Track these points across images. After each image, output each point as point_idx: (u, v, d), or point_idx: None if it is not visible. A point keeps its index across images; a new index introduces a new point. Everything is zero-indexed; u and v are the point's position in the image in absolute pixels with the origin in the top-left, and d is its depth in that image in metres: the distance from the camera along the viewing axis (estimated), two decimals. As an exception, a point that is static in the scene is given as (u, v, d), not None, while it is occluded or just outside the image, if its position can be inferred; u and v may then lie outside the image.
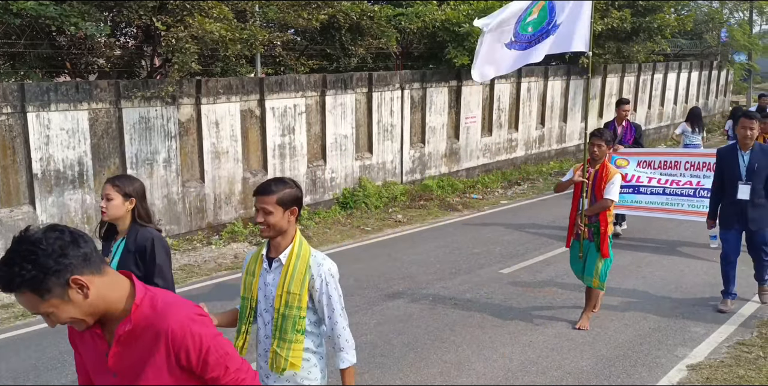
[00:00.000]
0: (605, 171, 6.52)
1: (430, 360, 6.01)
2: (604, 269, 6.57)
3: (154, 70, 11.11)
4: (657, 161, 9.78)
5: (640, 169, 9.83)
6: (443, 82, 13.90)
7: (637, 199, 9.65)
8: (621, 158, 9.87)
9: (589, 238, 6.59)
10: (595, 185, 6.55)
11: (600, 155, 6.52)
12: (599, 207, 6.50)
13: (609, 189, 6.47)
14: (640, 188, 9.70)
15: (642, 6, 17.32)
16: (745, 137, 6.80)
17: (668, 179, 9.59)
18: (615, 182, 6.47)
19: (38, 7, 8.18)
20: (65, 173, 8.59)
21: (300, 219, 10.96)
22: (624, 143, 10.09)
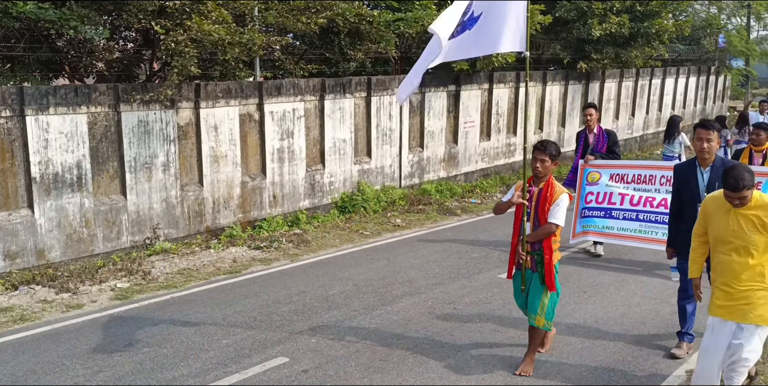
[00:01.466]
0: (550, 190, 5.65)
1: (429, 365, 6.00)
2: (550, 306, 5.73)
3: (153, 74, 11.11)
4: (630, 174, 8.99)
5: (612, 184, 9.10)
6: (442, 86, 13.92)
7: (608, 225, 9.00)
8: (594, 171, 9.26)
9: (532, 268, 5.74)
10: (539, 206, 5.66)
11: (544, 172, 5.67)
12: (543, 233, 5.62)
13: (554, 212, 5.60)
14: (612, 211, 9.01)
15: (640, 11, 17.37)
16: (702, 150, 5.84)
17: (642, 196, 8.81)
18: (561, 203, 5.61)
19: (37, 10, 8.17)
20: (64, 176, 8.57)
21: (299, 223, 11.01)
22: (597, 152, 9.44)
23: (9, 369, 5.93)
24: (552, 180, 5.71)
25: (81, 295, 7.87)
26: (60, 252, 8.65)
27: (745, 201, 4.71)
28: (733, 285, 4.85)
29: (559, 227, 5.63)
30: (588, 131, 9.60)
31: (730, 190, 4.63)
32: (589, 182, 9.26)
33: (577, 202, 9.24)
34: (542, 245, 5.67)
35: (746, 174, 4.61)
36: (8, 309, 7.40)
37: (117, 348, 6.36)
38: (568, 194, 5.69)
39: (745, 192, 4.65)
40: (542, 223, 5.64)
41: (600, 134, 9.52)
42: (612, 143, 9.49)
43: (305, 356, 6.18)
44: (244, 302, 7.66)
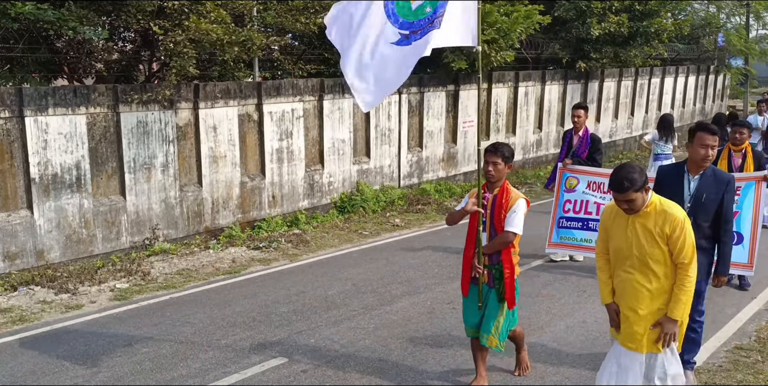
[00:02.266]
0: (506, 196, 5.20)
1: (428, 364, 6.00)
2: (505, 325, 5.29)
3: (152, 75, 11.12)
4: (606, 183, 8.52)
5: (589, 192, 8.66)
6: (441, 86, 13.92)
7: (586, 237, 8.54)
8: (572, 176, 8.81)
9: (489, 283, 5.28)
10: (494, 214, 5.21)
11: (497, 176, 5.20)
12: (500, 243, 5.16)
13: (511, 219, 5.14)
14: (588, 222, 8.59)
15: (639, 11, 17.37)
16: (706, 158, 5.21)
17: None
18: (518, 209, 5.15)
19: (36, 11, 8.18)
20: (63, 177, 8.58)
21: (298, 223, 11.01)
22: (577, 156, 8.97)
23: (8, 370, 5.93)
24: (507, 185, 5.27)
25: (80, 296, 7.88)
26: (59, 253, 8.65)
27: (633, 206, 4.27)
28: (637, 309, 4.40)
29: (517, 235, 5.16)
30: (575, 131, 9.20)
31: (615, 190, 4.28)
32: (567, 188, 8.84)
33: (555, 209, 8.90)
34: (500, 257, 5.21)
35: (635, 174, 4.20)
36: (7, 310, 7.40)
37: (116, 349, 6.37)
38: (526, 200, 5.25)
39: (632, 194, 4.21)
40: (499, 232, 5.19)
41: (585, 138, 9.09)
42: (594, 150, 9.01)
43: (304, 356, 6.18)
44: (243, 302, 7.66)
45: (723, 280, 5.43)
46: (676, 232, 4.28)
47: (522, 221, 5.19)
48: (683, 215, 4.35)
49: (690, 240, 4.31)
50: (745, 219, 7.41)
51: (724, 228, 5.29)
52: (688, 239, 4.31)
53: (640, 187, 4.22)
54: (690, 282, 4.34)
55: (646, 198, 4.33)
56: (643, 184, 4.24)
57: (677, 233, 4.28)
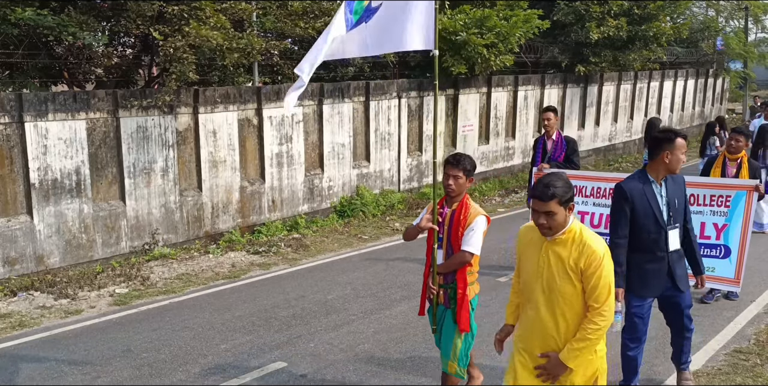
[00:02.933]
0: (464, 212, 4.79)
1: (427, 369, 6.01)
2: (463, 349, 4.89)
3: (152, 80, 11.14)
4: (589, 187, 7.82)
5: None
6: (440, 90, 13.94)
7: None
8: None
9: (444, 303, 4.94)
10: (452, 231, 4.82)
11: (457, 190, 4.82)
12: (455, 263, 4.79)
13: (468, 238, 4.74)
14: None
15: (638, 14, 17.40)
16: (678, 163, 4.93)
17: (603, 213, 7.63)
18: (477, 227, 4.74)
19: (36, 17, 8.21)
20: (63, 182, 8.59)
21: (297, 228, 11.02)
22: (554, 160, 8.61)
23: (8, 376, 5.94)
24: (467, 200, 4.87)
25: (80, 301, 7.88)
26: (59, 258, 8.66)
27: (552, 223, 3.66)
28: (535, 352, 3.81)
29: (474, 256, 4.77)
30: (546, 137, 8.81)
31: (537, 198, 3.68)
32: None
33: None
34: (455, 277, 4.83)
35: (561, 184, 3.68)
36: (7, 315, 7.41)
37: (115, 354, 6.37)
38: (486, 217, 4.83)
39: (554, 206, 3.63)
40: (456, 250, 4.79)
41: (558, 141, 8.69)
42: (571, 152, 8.63)
43: (304, 360, 6.19)
44: (243, 307, 7.67)
45: (704, 279, 5.39)
46: (591, 268, 3.62)
47: (480, 240, 4.78)
48: (604, 250, 3.67)
49: (607, 281, 3.63)
50: (735, 232, 6.88)
51: (690, 227, 5.22)
52: (605, 279, 3.62)
53: (565, 201, 3.66)
54: (596, 332, 3.63)
55: (568, 219, 3.72)
56: (569, 199, 3.69)
57: (593, 269, 3.62)
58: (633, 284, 5.02)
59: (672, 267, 5.05)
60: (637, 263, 5.01)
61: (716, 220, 6.90)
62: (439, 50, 14.70)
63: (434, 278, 4.93)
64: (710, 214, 6.94)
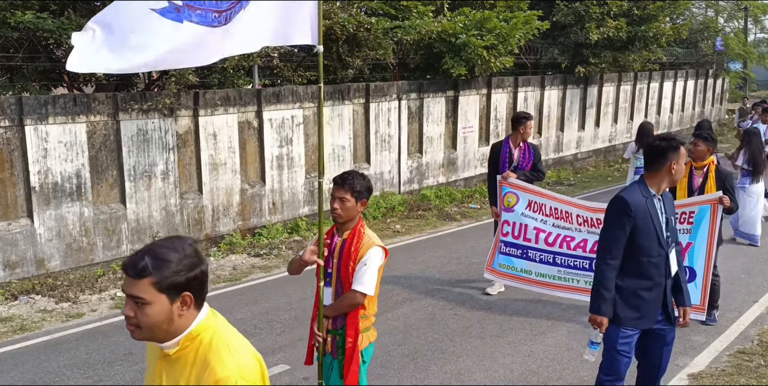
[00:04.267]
0: (356, 243, 4.06)
1: (430, 371, 5.99)
2: None
3: (152, 83, 11.13)
4: (548, 206, 7.33)
5: (529, 213, 7.48)
6: (440, 92, 13.94)
7: (526, 268, 7.41)
8: (512, 192, 7.64)
9: (332, 353, 4.20)
10: (341, 265, 4.08)
11: (346, 216, 4.08)
12: (344, 305, 4.06)
13: (360, 274, 4.01)
14: (528, 250, 7.42)
15: (637, 15, 17.42)
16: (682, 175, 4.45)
17: (560, 234, 7.17)
18: (370, 261, 4.02)
19: (36, 20, 8.20)
20: (63, 185, 8.58)
21: (298, 230, 11.00)
22: (520, 169, 7.97)
23: (9, 380, 5.92)
24: (361, 228, 4.15)
25: (81, 304, 7.87)
26: (60, 262, 8.64)
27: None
28: None
29: (365, 295, 4.02)
30: (513, 142, 8.09)
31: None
32: (505, 206, 7.69)
33: (500, 227, 7.83)
34: (345, 321, 4.09)
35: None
36: (8, 319, 7.39)
37: (117, 357, 6.35)
38: (382, 248, 4.12)
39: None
40: (346, 289, 4.06)
41: (526, 149, 8.06)
42: (537, 161, 8.11)
43: (306, 363, 6.16)
44: (245, 309, 7.65)
45: (689, 312, 4.63)
46: None
47: (375, 277, 4.05)
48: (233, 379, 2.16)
49: None
50: (700, 252, 6.27)
51: (678, 250, 4.58)
52: None
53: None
54: None
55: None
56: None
57: None
58: (624, 315, 4.37)
59: (667, 295, 4.44)
60: (632, 291, 4.36)
61: (681, 238, 6.12)
62: (439, 52, 14.72)
63: (320, 322, 4.16)
64: None
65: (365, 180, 4.13)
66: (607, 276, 4.33)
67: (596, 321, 4.37)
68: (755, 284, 8.34)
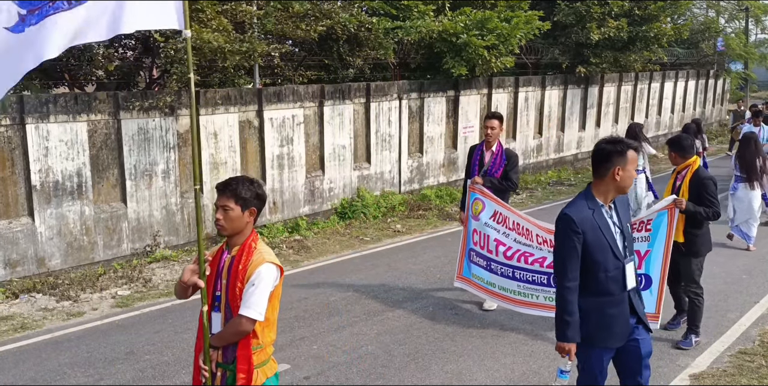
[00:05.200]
0: (246, 259, 3.48)
1: (431, 371, 5.99)
2: None
3: (153, 82, 11.13)
4: (511, 220, 6.95)
5: (492, 223, 7.10)
6: (441, 92, 13.93)
7: (491, 280, 7.07)
8: (479, 198, 7.24)
9: None
10: (230, 286, 3.49)
11: (230, 227, 3.52)
12: (230, 334, 3.49)
13: (248, 296, 3.41)
14: (491, 263, 7.06)
15: (638, 15, 17.41)
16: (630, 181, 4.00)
17: (519, 249, 6.84)
18: (259, 281, 3.42)
19: (37, 19, 8.18)
20: (64, 184, 8.57)
21: (299, 229, 11.00)
22: (490, 175, 7.46)
23: (10, 378, 5.92)
24: (252, 242, 3.55)
25: (82, 303, 7.86)
26: (60, 260, 8.64)
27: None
28: None
29: (255, 322, 3.44)
30: (486, 147, 7.61)
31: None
32: (473, 213, 7.31)
33: (465, 234, 7.49)
34: (236, 353, 3.52)
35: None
36: (9, 318, 7.39)
37: (118, 356, 6.35)
38: (275, 265, 3.49)
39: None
40: (234, 313, 3.47)
41: (498, 154, 7.52)
42: (510, 167, 7.49)
43: (307, 362, 6.16)
44: (245, 309, 7.64)
45: None
46: None
47: (264, 300, 3.43)
48: None
49: None
50: (656, 259, 6.06)
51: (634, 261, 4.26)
52: None
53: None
54: None
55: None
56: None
57: None
58: (595, 335, 4.05)
59: (635, 307, 4.11)
60: (596, 309, 4.03)
61: (639, 247, 6.01)
62: (440, 51, 14.73)
63: (206, 354, 3.55)
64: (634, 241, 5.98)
65: (254, 186, 3.59)
66: (568, 300, 3.98)
67: (563, 348, 4.04)
68: (756, 284, 8.34)
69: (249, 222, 3.57)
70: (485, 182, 7.31)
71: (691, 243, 6.37)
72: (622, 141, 3.99)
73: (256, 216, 3.59)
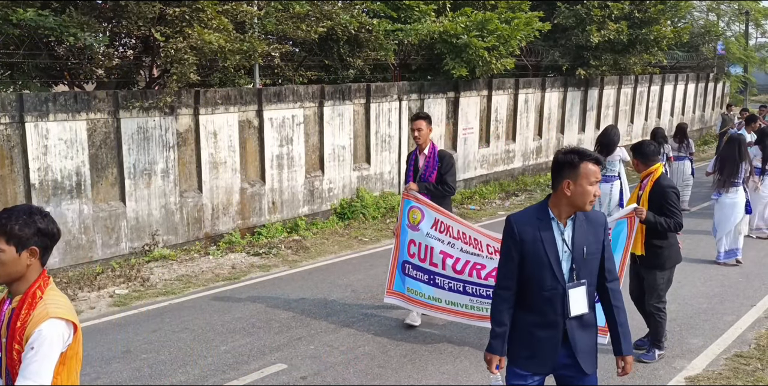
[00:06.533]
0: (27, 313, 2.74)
1: (428, 371, 6.00)
2: None
3: (153, 81, 11.13)
4: (455, 228, 6.47)
5: (434, 233, 6.56)
6: (441, 93, 13.95)
7: (435, 295, 6.58)
8: (417, 206, 6.70)
9: None
10: (7, 347, 2.75)
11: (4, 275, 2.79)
12: None
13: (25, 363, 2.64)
14: (436, 277, 6.55)
15: (639, 18, 17.43)
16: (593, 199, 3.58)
17: (469, 261, 6.36)
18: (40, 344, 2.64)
19: (37, 17, 8.20)
20: (63, 183, 8.58)
21: (298, 230, 11.01)
22: (424, 181, 6.92)
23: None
24: (37, 291, 2.82)
25: (79, 302, 7.87)
26: (58, 259, 8.65)
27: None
28: None
29: None
30: (419, 150, 7.10)
31: None
32: (410, 222, 6.75)
33: (397, 246, 6.91)
34: None
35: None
36: (7, 316, 7.39)
37: (115, 355, 6.36)
38: (64, 320, 2.74)
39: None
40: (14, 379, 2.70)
41: (431, 157, 6.97)
42: (445, 170, 6.94)
43: (304, 362, 6.17)
44: (243, 308, 7.66)
45: (630, 362, 3.78)
46: None
47: (49, 367, 2.64)
48: None
49: None
50: None
51: (613, 288, 3.79)
52: None
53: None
54: None
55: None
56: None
57: None
58: (516, 354, 3.73)
59: (571, 339, 3.64)
60: (523, 326, 3.71)
61: None
62: (440, 52, 14.75)
63: None
64: None
65: (34, 218, 2.88)
66: (498, 308, 3.71)
67: (486, 358, 3.77)
68: (753, 288, 8.35)
69: (31, 265, 2.84)
70: (420, 189, 6.79)
71: (655, 256, 6.01)
72: (578, 152, 3.58)
73: (42, 256, 2.90)
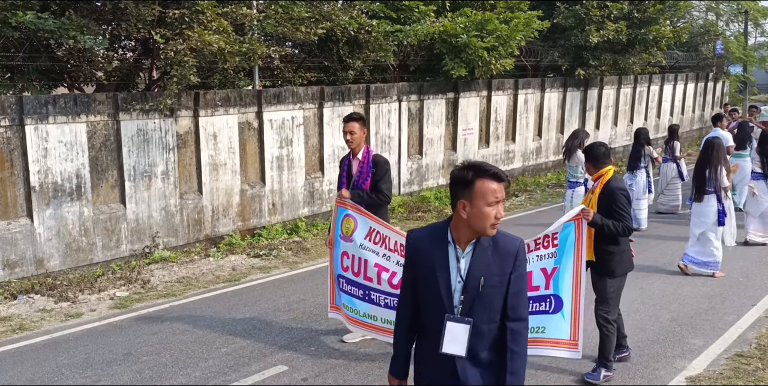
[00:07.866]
0: None
1: (428, 373, 5.99)
2: None
3: (153, 83, 11.14)
4: (392, 240, 5.84)
5: (369, 244, 5.94)
6: (440, 94, 13.95)
7: (371, 312, 5.94)
8: (350, 214, 6.07)
9: None
10: None
11: None
12: None
13: None
14: (371, 292, 5.92)
15: (638, 18, 17.45)
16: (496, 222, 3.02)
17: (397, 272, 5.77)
18: None
19: (37, 20, 8.21)
20: (63, 185, 8.59)
21: (298, 231, 11.01)
22: (358, 188, 6.35)
23: (8, 379, 5.92)
24: None
25: (80, 304, 7.87)
26: (59, 261, 8.65)
27: None
28: None
29: None
30: (352, 155, 6.60)
31: None
32: (343, 233, 6.12)
33: (332, 258, 6.32)
34: None
35: None
36: (7, 319, 7.39)
37: (116, 357, 6.36)
38: None
39: None
40: None
41: (365, 162, 6.44)
42: (378, 177, 6.37)
43: (305, 364, 6.17)
44: (244, 310, 7.66)
45: None
46: None
47: None
48: None
49: None
50: (565, 276, 5.27)
51: (514, 329, 3.18)
52: None
53: None
54: None
55: None
56: None
57: None
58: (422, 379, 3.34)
59: (462, 377, 3.17)
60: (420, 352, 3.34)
61: (544, 265, 5.31)
62: (439, 53, 14.73)
63: None
64: (536, 260, 5.34)
65: None
66: (397, 329, 3.37)
67: (389, 381, 3.47)
68: (754, 287, 8.35)
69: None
70: (353, 196, 6.23)
71: (605, 262, 5.67)
72: (474, 167, 3.03)
73: None
